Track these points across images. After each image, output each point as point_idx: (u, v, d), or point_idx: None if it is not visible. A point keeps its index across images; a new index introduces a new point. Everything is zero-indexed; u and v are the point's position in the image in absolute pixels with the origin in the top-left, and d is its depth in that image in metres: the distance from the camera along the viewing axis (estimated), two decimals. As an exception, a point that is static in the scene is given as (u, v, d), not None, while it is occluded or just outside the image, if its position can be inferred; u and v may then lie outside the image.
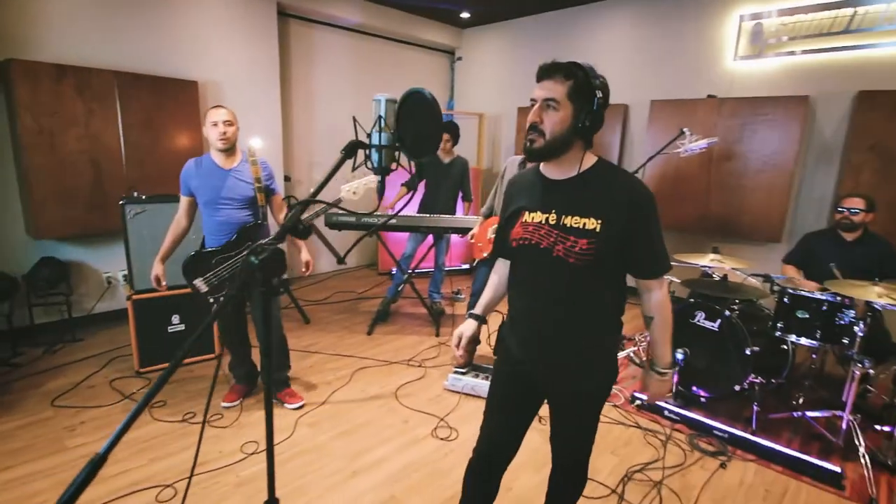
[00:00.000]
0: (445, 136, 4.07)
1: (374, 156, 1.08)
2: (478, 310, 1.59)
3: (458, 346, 1.56)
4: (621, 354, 3.58)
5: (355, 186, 2.64)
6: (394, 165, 1.16)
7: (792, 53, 4.07)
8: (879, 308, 2.48)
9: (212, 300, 2.62)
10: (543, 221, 1.36)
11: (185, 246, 2.75)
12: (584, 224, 1.29)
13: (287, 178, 5.16)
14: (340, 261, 4.15)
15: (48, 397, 2.85)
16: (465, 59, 6.48)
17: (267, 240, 1.07)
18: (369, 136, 1.09)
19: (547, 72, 1.31)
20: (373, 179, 2.69)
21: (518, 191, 1.49)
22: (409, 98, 1.08)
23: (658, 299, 1.40)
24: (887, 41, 3.70)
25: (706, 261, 3.03)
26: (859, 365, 2.37)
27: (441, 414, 2.79)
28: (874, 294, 2.31)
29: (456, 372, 3.09)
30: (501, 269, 1.60)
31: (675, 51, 4.68)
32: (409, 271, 4.14)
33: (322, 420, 2.72)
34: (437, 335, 3.93)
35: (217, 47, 4.33)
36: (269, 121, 4.77)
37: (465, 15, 5.77)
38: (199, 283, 2.58)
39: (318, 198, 1.17)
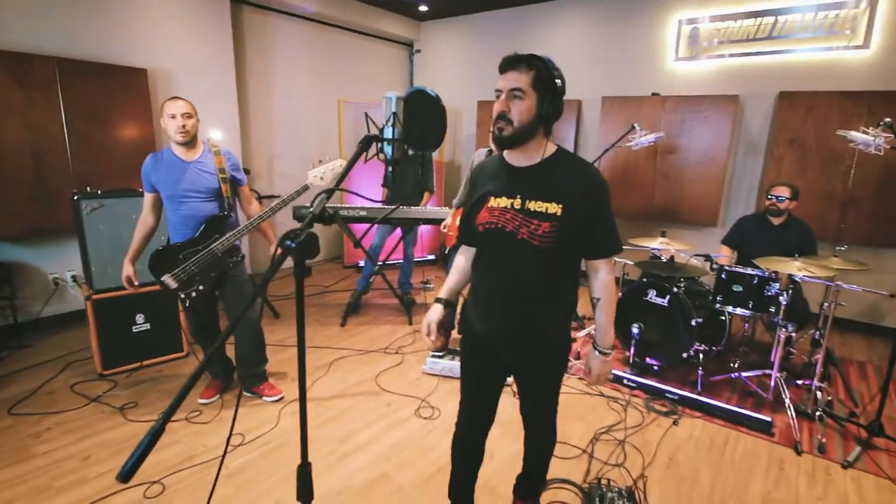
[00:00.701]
0: None
1: (387, 148, 1.18)
2: (443, 294, 1.68)
3: (428, 333, 1.65)
4: (582, 333, 3.86)
5: (322, 172, 2.70)
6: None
7: (723, 56, 4.49)
8: (799, 280, 2.85)
9: (182, 296, 2.59)
10: (509, 206, 1.46)
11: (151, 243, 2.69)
12: (547, 208, 1.41)
13: (246, 171, 5.03)
14: (357, 245, 4.13)
15: (3, 406, 2.71)
16: (424, 52, 6.55)
17: (297, 228, 1.15)
18: (381, 130, 1.19)
19: (511, 63, 1.40)
20: (339, 164, 2.76)
21: (484, 178, 1.58)
22: (413, 95, 1.19)
23: (605, 280, 1.53)
24: (803, 47, 4.17)
25: (656, 243, 3.34)
26: (784, 329, 2.74)
27: (422, 395, 2.93)
28: (794, 268, 2.67)
29: (433, 356, 3.23)
30: (467, 253, 1.68)
31: (623, 50, 5.00)
32: (380, 263, 4.21)
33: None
34: (411, 323, 4.04)
35: (167, 33, 4.16)
36: (226, 112, 4.65)
37: (423, 8, 5.83)
38: (168, 279, 2.53)
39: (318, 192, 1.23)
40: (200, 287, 2.58)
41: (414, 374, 3.21)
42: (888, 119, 2.61)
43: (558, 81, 1.40)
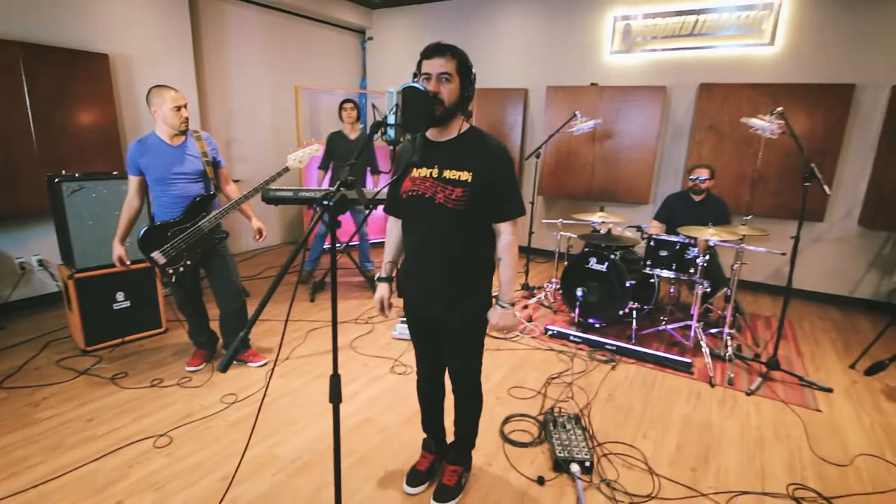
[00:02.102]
0: (349, 105, 4.42)
1: (390, 131, 1.48)
2: (384, 273, 1.93)
3: (382, 310, 1.94)
4: (532, 300, 4.31)
5: (300, 156, 2.95)
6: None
7: (653, 51, 5.02)
8: (713, 245, 3.38)
9: (171, 271, 2.79)
10: (428, 175, 1.68)
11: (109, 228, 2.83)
12: (460, 176, 1.63)
13: (206, 156, 5.12)
14: (367, 205, 4.28)
15: (-7, 381, 2.82)
16: (376, 39, 6.75)
17: (329, 191, 1.37)
18: (385, 117, 1.49)
19: (438, 50, 1.59)
20: (316, 148, 3.02)
21: (407, 154, 1.78)
22: (406, 90, 1.50)
23: (507, 241, 1.71)
24: (721, 43, 4.75)
25: (595, 217, 3.81)
26: (700, 286, 3.27)
27: (394, 356, 3.26)
28: (709, 234, 3.20)
29: (402, 321, 3.57)
30: (396, 225, 1.89)
31: (565, 43, 5.44)
32: (341, 244, 4.48)
33: (290, 371, 3.05)
34: (375, 297, 4.35)
35: (127, 19, 4.19)
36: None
37: (375, -3, 6.04)
38: (157, 255, 2.73)
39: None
40: (188, 262, 2.78)
41: (385, 340, 3.54)
42: (780, 108, 3.15)
43: (473, 70, 1.65)
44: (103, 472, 2.13)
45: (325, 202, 1.30)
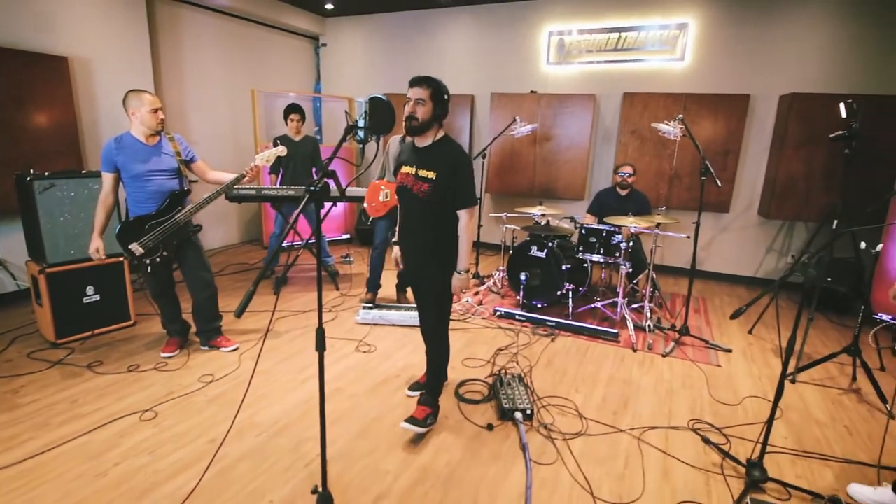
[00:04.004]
0: (296, 117, 4.66)
1: (360, 133, 1.83)
2: (396, 238, 2.61)
3: (397, 264, 2.60)
4: (482, 287, 4.74)
5: (267, 156, 3.21)
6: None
7: (584, 63, 5.60)
8: (634, 231, 3.92)
9: (148, 261, 2.99)
10: (411, 172, 2.30)
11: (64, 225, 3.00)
12: (428, 174, 2.23)
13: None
14: (342, 193, 4.36)
15: (-36, 374, 2.90)
16: (330, 46, 7.00)
17: (315, 180, 1.64)
18: (356, 121, 1.84)
19: (417, 81, 2.22)
20: (282, 149, 3.30)
21: (403, 153, 2.44)
22: (372, 99, 1.86)
23: (464, 223, 2.29)
24: (641, 58, 5.38)
25: (536, 210, 4.29)
26: (624, 266, 3.80)
27: (358, 338, 3.58)
28: (630, 222, 3.73)
29: (364, 307, 3.89)
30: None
31: (507, 54, 5.94)
32: (305, 240, 4.74)
33: (262, 354, 3.30)
34: (338, 289, 4.64)
35: (85, 22, 4.27)
36: (144, 100, 4.81)
37: (329, 6, 6.30)
38: (135, 246, 2.93)
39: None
40: (164, 253, 2.99)
41: (348, 325, 3.84)
42: (681, 116, 3.74)
43: (445, 95, 2.23)
44: (96, 443, 2.33)
45: (312, 188, 1.63)
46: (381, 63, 6.72)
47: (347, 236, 6.71)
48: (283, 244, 4.96)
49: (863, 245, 3.38)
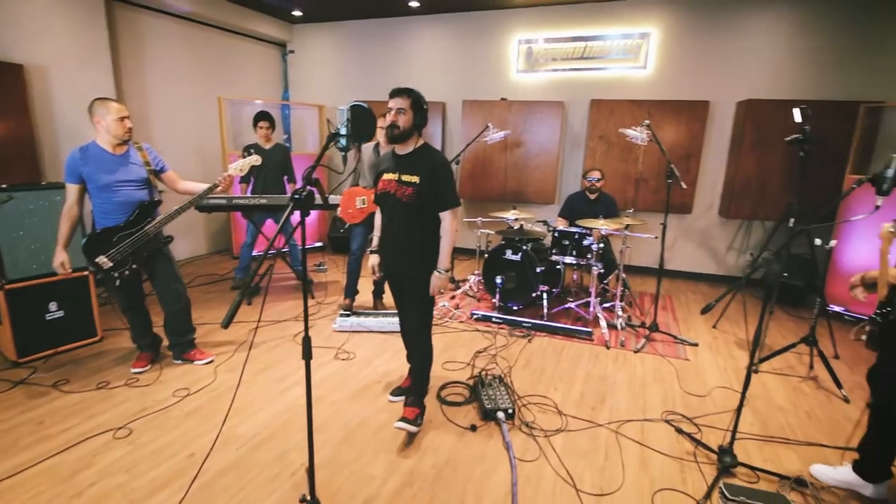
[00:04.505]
0: (265, 124, 4.63)
1: (342, 141, 1.85)
2: (374, 246, 2.66)
3: (374, 272, 2.65)
4: (458, 291, 4.78)
5: (241, 165, 3.19)
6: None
7: (552, 70, 5.75)
8: (604, 233, 4.05)
9: (116, 274, 2.90)
10: (393, 178, 2.38)
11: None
12: (411, 179, 2.31)
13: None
14: (325, 200, 4.22)
15: (-84, 398, 2.74)
16: (298, 53, 6.95)
17: (300, 188, 1.65)
18: (338, 129, 1.85)
19: (397, 92, 2.31)
20: (256, 159, 3.28)
21: (384, 163, 2.52)
22: (354, 107, 1.88)
23: (446, 225, 2.37)
24: (606, 66, 5.56)
25: (509, 214, 4.37)
26: (595, 267, 3.92)
27: (337, 346, 3.56)
28: (600, 225, 3.85)
29: (342, 314, 3.87)
30: (379, 214, 2.58)
31: (477, 62, 6.04)
32: (275, 251, 4.68)
33: (238, 366, 3.24)
34: (313, 297, 4.59)
35: (42, 29, 4.12)
36: (105, 108, 4.66)
37: (297, 13, 6.26)
38: (103, 259, 2.83)
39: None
40: (133, 266, 2.90)
41: (326, 333, 3.81)
42: (647, 121, 3.90)
43: (424, 105, 2.34)
44: (68, 463, 2.24)
45: (296, 196, 1.63)
46: (350, 71, 6.72)
47: (321, 244, 6.66)
48: (254, 253, 4.90)
49: (818, 242, 3.59)
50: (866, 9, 4.63)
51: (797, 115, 3.28)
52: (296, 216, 1.66)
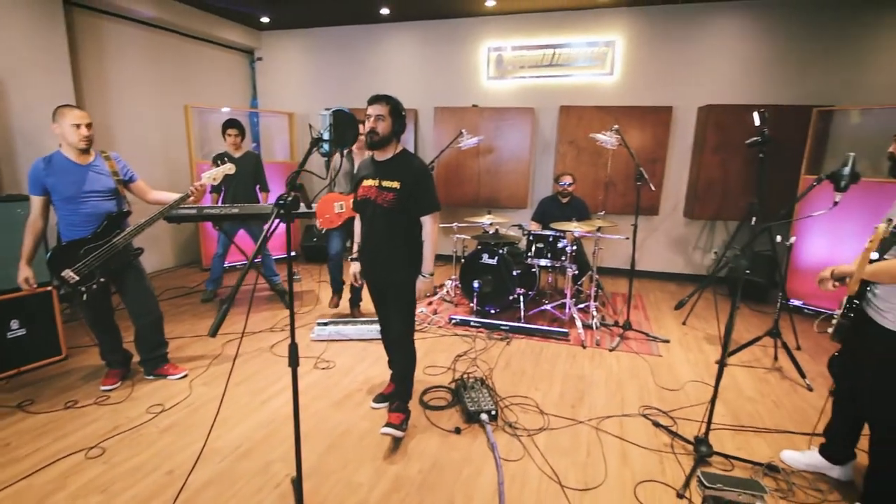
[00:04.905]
0: (234, 132, 4.55)
1: (325, 146, 1.85)
2: (355, 254, 2.66)
3: (356, 280, 2.66)
4: (436, 297, 4.80)
5: (215, 174, 3.13)
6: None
7: (522, 77, 5.87)
8: (578, 235, 4.15)
9: (83, 289, 2.79)
10: (373, 184, 2.39)
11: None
12: (392, 185, 2.33)
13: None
14: (309, 206, 4.06)
15: None
16: (266, 60, 6.87)
17: (284, 194, 1.61)
18: (320, 135, 1.85)
19: (376, 98, 2.32)
20: (230, 167, 3.23)
21: (362, 170, 2.53)
22: (336, 112, 1.89)
23: (428, 229, 2.40)
24: (574, 73, 5.71)
25: (485, 219, 4.42)
26: (570, 269, 4.01)
27: (316, 355, 3.52)
28: (574, 227, 3.95)
29: (319, 324, 3.83)
30: (359, 221, 2.59)
31: (449, 69, 6.11)
32: (250, 261, 4.58)
33: (213, 380, 3.16)
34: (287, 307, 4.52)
35: (-4, 36, 3.96)
36: (66, 117, 4.50)
37: (264, 19, 6.20)
38: (68, 273, 2.73)
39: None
40: (101, 279, 2.81)
41: (304, 343, 3.76)
42: (617, 126, 4.04)
43: (403, 112, 2.37)
44: (38, 486, 2.14)
45: (280, 201, 1.63)
46: (321, 78, 6.68)
47: (294, 254, 6.56)
48: (226, 265, 4.80)
49: (778, 238, 3.78)
50: (818, 19, 4.92)
51: (756, 118, 3.46)
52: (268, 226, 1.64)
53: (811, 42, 4.97)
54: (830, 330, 2.06)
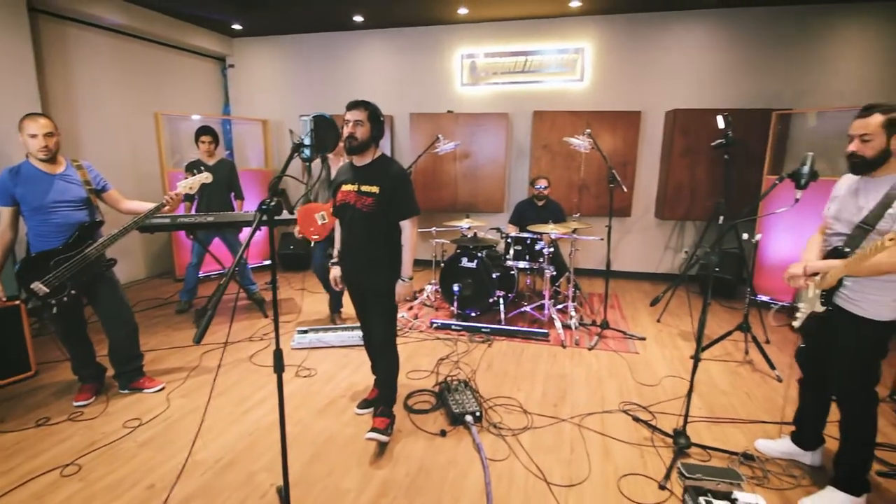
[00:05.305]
0: (207, 139, 4.48)
1: (306, 151, 1.86)
2: (335, 259, 2.64)
3: (336, 284, 2.62)
4: (416, 301, 4.81)
5: (191, 182, 3.09)
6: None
7: (496, 84, 5.96)
8: (555, 237, 4.23)
9: (53, 301, 2.71)
10: (352, 189, 2.40)
11: None
12: (371, 189, 2.35)
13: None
14: (291, 211, 4.07)
15: None
16: (238, 67, 6.79)
17: (267, 198, 1.60)
18: (302, 139, 1.86)
19: (354, 104, 2.33)
20: (207, 176, 3.19)
21: (341, 175, 2.54)
22: (317, 118, 1.91)
23: (407, 233, 2.42)
24: (546, 79, 5.83)
25: (463, 223, 4.47)
26: (548, 270, 4.08)
27: (297, 363, 3.48)
28: (550, 229, 4.02)
29: (299, 332, 3.79)
30: (339, 226, 2.58)
31: (423, 75, 6.15)
32: (232, 268, 4.52)
33: (192, 391, 3.10)
34: (266, 316, 4.47)
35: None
36: (30, 126, 4.35)
37: (236, 26, 6.13)
38: (38, 285, 2.65)
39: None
40: (72, 291, 2.73)
41: (284, 351, 3.68)
42: (589, 130, 4.15)
43: (381, 117, 2.38)
44: (10, 507, 2.07)
45: (263, 206, 1.63)
46: (295, 85, 6.64)
47: (269, 262, 6.46)
48: (200, 275, 4.71)
49: (745, 236, 3.93)
50: (776, 28, 5.16)
51: (720, 121, 3.60)
52: (243, 234, 1.64)
53: (770, 49, 5.21)
54: (796, 323, 2.16)
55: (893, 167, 1.87)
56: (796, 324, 2.15)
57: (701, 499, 1.99)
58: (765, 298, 4.75)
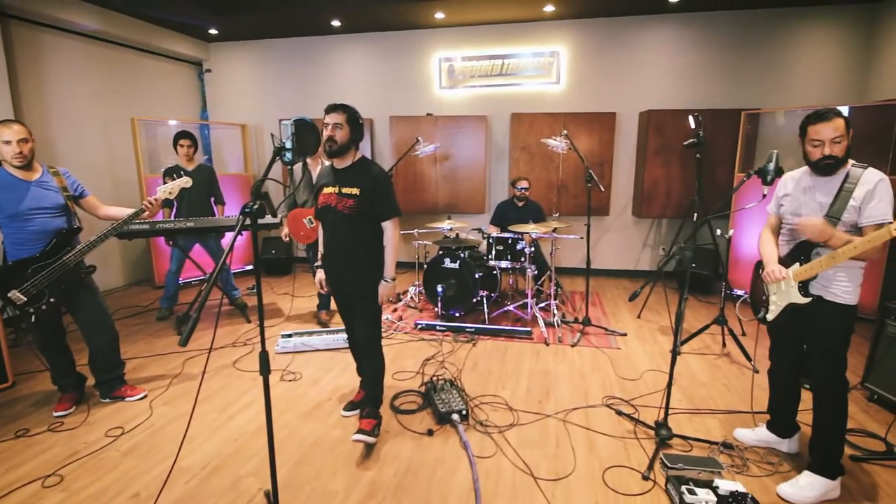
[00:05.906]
0: (186, 143, 4.43)
1: (288, 155, 1.87)
2: (319, 262, 2.68)
3: (322, 287, 2.67)
4: (400, 304, 4.83)
5: (170, 188, 3.06)
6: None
7: (474, 87, 6.02)
8: (535, 237, 4.30)
9: (31, 310, 2.66)
10: (333, 191, 2.42)
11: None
12: (352, 191, 2.37)
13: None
14: (274, 214, 3.97)
15: None
16: (216, 72, 6.72)
17: (249, 202, 1.61)
18: (283, 143, 1.87)
19: (333, 108, 2.36)
20: (186, 181, 3.16)
21: (321, 178, 2.56)
22: (298, 121, 1.92)
23: (389, 234, 2.46)
24: (523, 82, 5.92)
25: (445, 224, 4.51)
26: (530, 269, 4.15)
27: (282, 367, 3.47)
28: (531, 229, 4.09)
29: (283, 336, 3.78)
30: (320, 230, 2.64)
31: (403, 79, 6.19)
32: (215, 272, 4.47)
33: (175, 399, 3.07)
34: (249, 321, 4.43)
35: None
36: None
37: (213, 31, 6.08)
38: (16, 293, 2.60)
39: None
40: (51, 300, 2.68)
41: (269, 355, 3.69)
42: (566, 132, 4.24)
43: (360, 120, 2.42)
44: (-11, 522, 2.03)
45: (246, 210, 1.64)
46: (273, 89, 6.61)
47: (251, 267, 6.41)
48: (181, 281, 4.66)
49: (718, 231, 4.05)
50: (745, 29, 5.34)
51: (691, 122, 3.71)
52: (226, 240, 1.65)
53: (738, 51, 5.38)
54: (770, 316, 2.23)
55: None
56: (770, 316, 2.23)
57: (683, 488, 2.05)
58: (739, 292, 4.89)
